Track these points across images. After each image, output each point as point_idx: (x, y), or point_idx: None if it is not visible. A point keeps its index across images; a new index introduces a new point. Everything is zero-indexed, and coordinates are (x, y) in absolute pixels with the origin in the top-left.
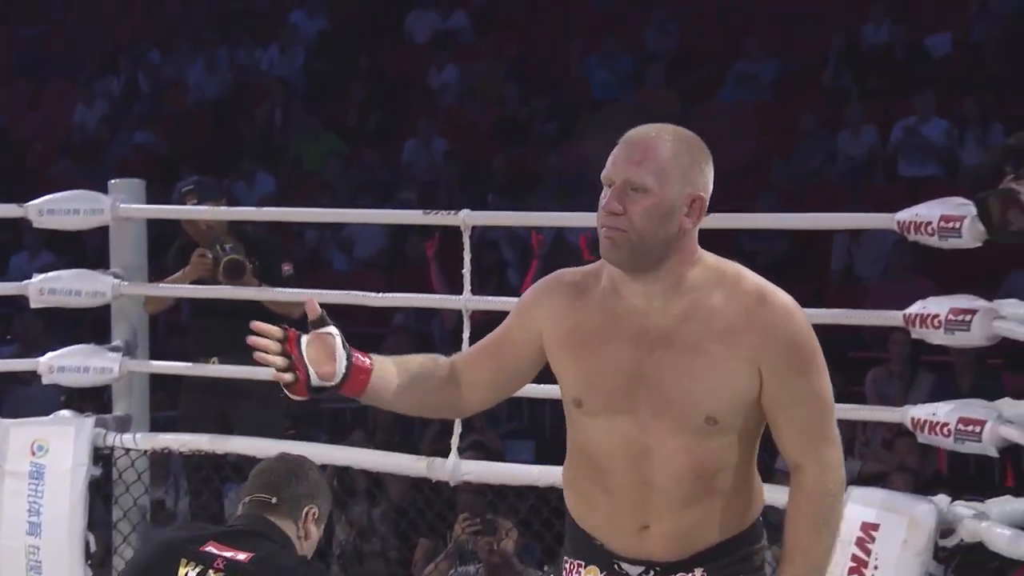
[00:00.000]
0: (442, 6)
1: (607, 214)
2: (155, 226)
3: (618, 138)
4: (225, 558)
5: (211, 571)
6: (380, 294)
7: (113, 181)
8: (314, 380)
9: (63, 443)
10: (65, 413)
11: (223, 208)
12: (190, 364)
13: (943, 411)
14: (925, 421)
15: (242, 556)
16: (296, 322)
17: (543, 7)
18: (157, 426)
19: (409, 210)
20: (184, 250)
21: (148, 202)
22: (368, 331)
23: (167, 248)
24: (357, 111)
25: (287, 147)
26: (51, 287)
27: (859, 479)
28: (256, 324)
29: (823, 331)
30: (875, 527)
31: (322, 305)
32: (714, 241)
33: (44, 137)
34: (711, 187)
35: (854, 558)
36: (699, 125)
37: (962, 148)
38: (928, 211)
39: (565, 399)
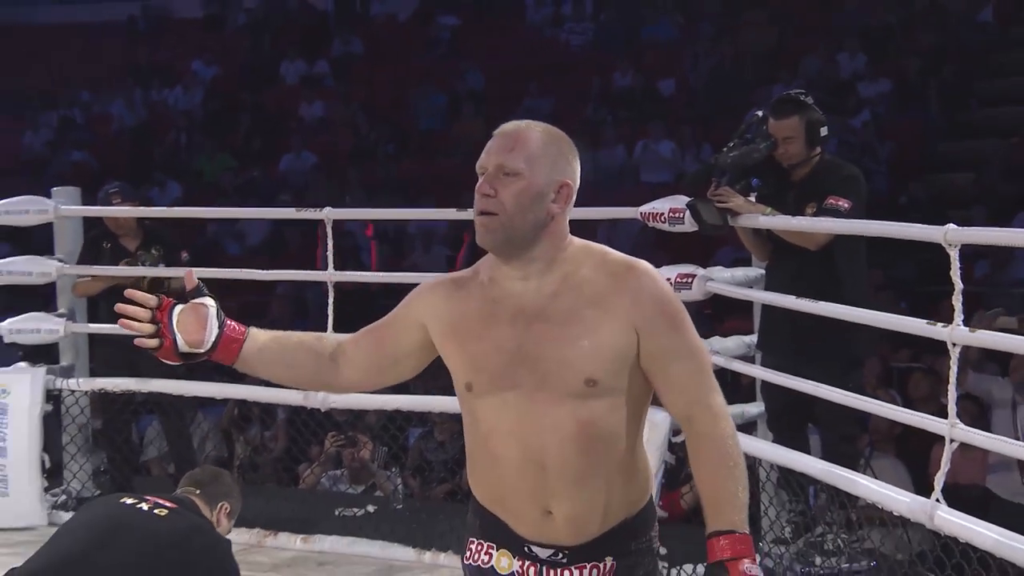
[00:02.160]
0: (307, 56)
1: (481, 196)
2: (86, 222)
3: (440, 157)
4: (156, 501)
5: (143, 503)
6: (265, 271)
7: (55, 188)
8: (182, 346)
9: (22, 387)
10: (22, 364)
11: (141, 208)
12: (114, 325)
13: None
14: None
15: (169, 504)
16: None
17: (384, 59)
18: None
19: (285, 208)
20: (96, 241)
21: (82, 204)
22: (256, 299)
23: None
24: (244, 135)
25: (190, 163)
26: (9, 269)
27: None
28: (129, 292)
29: None
30: None
31: (219, 281)
32: None
33: None
34: (578, 178)
35: None
36: None
37: (683, 162)
38: (661, 205)
39: (458, 387)
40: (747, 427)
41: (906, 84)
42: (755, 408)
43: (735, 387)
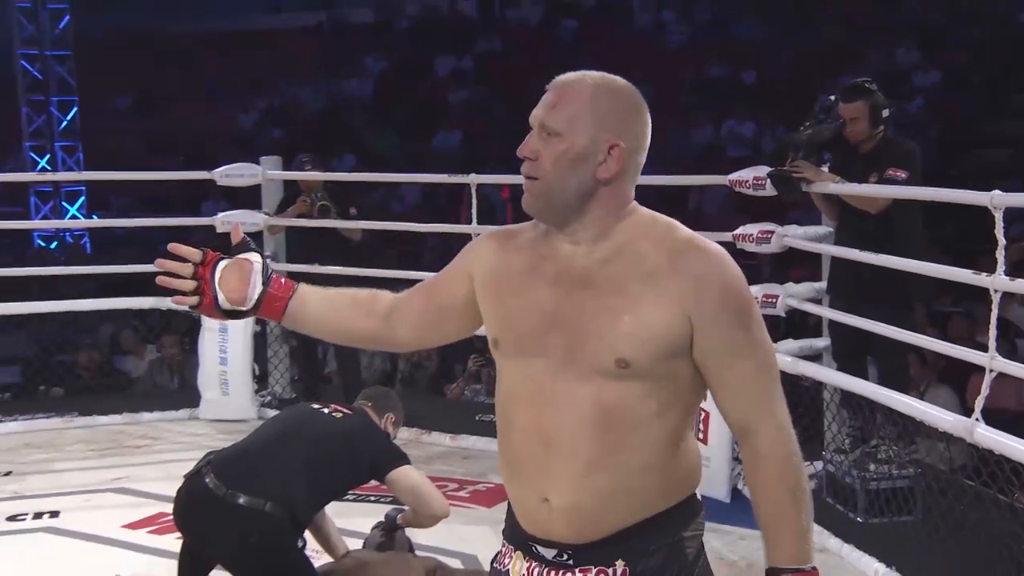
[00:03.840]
0: (456, 53)
1: (523, 159)
2: (284, 184)
3: None
4: (335, 407)
5: (326, 407)
6: (420, 224)
7: (263, 157)
8: (223, 303)
9: None
10: None
11: (326, 173)
12: (306, 264)
13: (754, 290)
14: None
15: (346, 410)
16: (356, 245)
17: (517, 56)
18: None
19: (437, 175)
20: (291, 198)
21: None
22: (411, 250)
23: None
24: (405, 117)
25: (363, 139)
26: (229, 219)
27: None
28: (172, 245)
29: None
30: None
31: (384, 232)
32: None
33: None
34: (640, 139)
35: None
36: None
37: (762, 140)
38: (746, 174)
39: (490, 343)
40: (814, 358)
41: (953, 74)
42: (821, 342)
43: (803, 325)
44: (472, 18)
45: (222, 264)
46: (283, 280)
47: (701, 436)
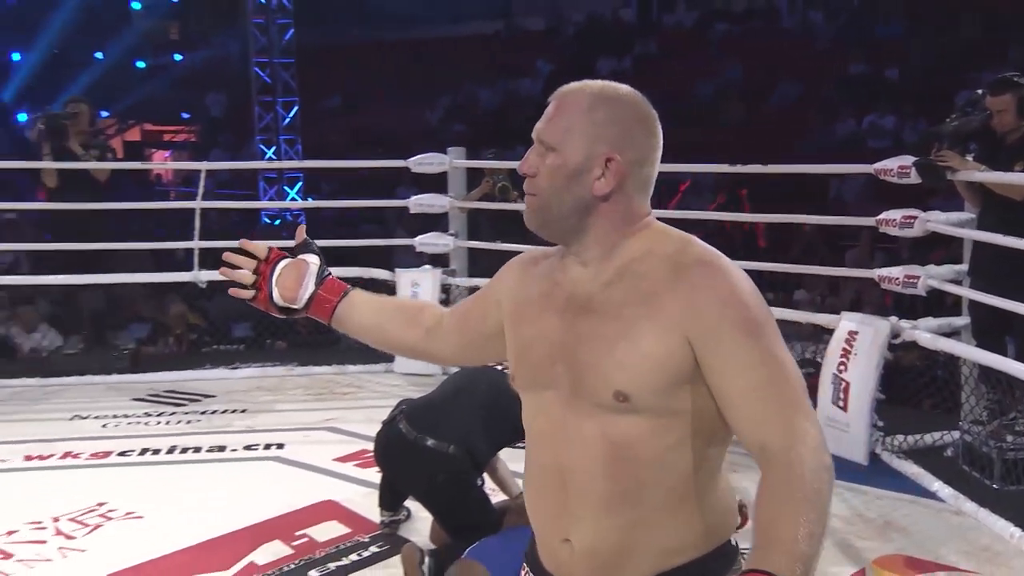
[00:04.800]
0: (616, 55)
1: (523, 176)
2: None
3: (710, 128)
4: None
5: (499, 366)
6: None
7: (450, 148)
8: (277, 300)
9: (426, 282)
10: (427, 267)
11: (503, 162)
12: (487, 241)
13: (896, 271)
14: (886, 276)
15: None
16: None
17: (672, 57)
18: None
19: None
20: (472, 186)
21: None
22: None
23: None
24: None
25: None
26: (420, 202)
27: (850, 307)
28: (243, 241)
29: (830, 232)
30: (856, 333)
31: None
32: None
33: (409, 129)
34: (645, 150)
35: (842, 351)
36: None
37: (903, 132)
38: (891, 163)
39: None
40: (951, 335)
41: None
42: (960, 320)
43: (942, 304)
44: (631, 23)
45: (283, 263)
46: (337, 283)
47: (841, 404)
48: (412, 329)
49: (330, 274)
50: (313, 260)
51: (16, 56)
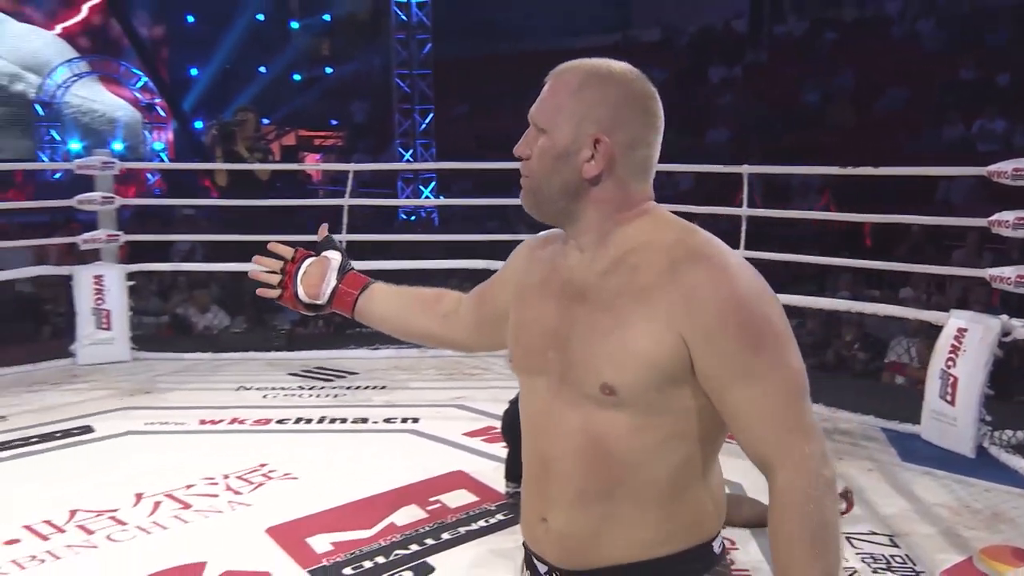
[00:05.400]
0: (727, 63)
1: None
2: None
3: (818, 132)
4: None
5: None
6: (694, 207)
7: None
8: (302, 297)
9: None
10: None
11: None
12: None
13: (1008, 271)
14: (998, 276)
15: None
16: None
17: (782, 65)
18: None
19: (711, 165)
20: None
21: None
22: None
23: None
24: (678, 118)
25: None
26: None
27: (956, 305)
28: (271, 244)
29: (937, 233)
30: (964, 330)
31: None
32: None
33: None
34: (641, 130)
35: (951, 348)
36: None
37: (1013, 136)
38: (1006, 165)
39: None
40: None
41: None
42: None
43: None
44: (742, 34)
45: (308, 262)
46: (358, 277)
47: (949, 398)
48: (427, 317)
49: (352, 269)
50: (334, 256)
51: (194, 71)
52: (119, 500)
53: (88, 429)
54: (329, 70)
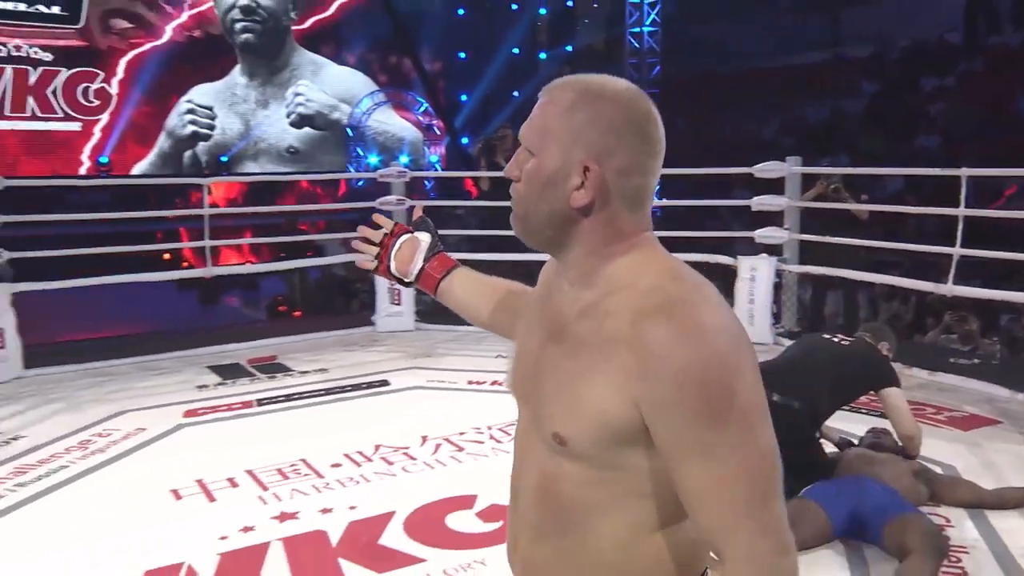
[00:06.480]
0: (938, 74)
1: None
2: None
3: None
4: (842, 336)
5: (835, 337)
6: (902, 207)
7: (788, 157)
8: (393, 271)
9: (764, 268)
10: (764, 255)
11: (836, 168)
12: (815, 236)
13: None
14: None
15: (850, 339)
16: (861, 223)
17: (996, 74)
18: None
19: (922, 168)
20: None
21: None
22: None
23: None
24: (891, 127)
25: (854, 142)
26: (761, 202)
27: None
28: (375, 216)
29: None
30: None
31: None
32: None
33: (745, 142)
34: (638, 156)
35: None
36: None
37: None
38: None
39: None
40: None
41: None
42: None
43: None
44: (956, 45)
45: (404, 237)
46: (444, 259)
47: None
48: (485, 308)
49: (441, 251)
50: (424, 238)
51: (463, 97)
52: (410, 440)
53: (385, 383)
54: None
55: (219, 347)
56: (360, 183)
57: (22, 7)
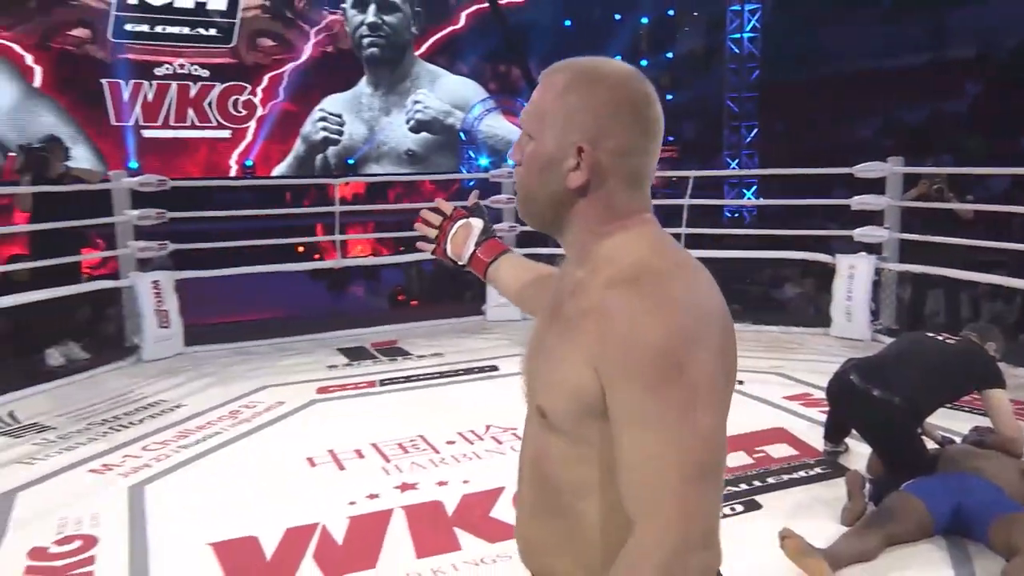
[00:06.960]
0: None
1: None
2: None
3: None
4: (946, 335)
5: (939, 335)
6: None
7: (890, 157)
8: (450, 254)
9: (863, 266)
10: (863, 253)
11: (941, 168)
12: (914, 235)
13: None
14: None
15: (955, 337)
16: (964, 222)
17: None
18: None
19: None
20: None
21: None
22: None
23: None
24: (991, 126)
25: (959, 142)
26: (861, 202)
27: None
28: (437, 201)
29: None
30: None
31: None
32: None
33: (844, 143)
34: (631, 138)
35: None
36: None
37: None
38: None
39: None
40: None
41: None
42: None
43: None
44: None
45: (461, 222)
46: (495, 246)
47: None
48: (522, 294)
49: (493, 236)
50: (477, 224)
51: None
52: (517, 421)
53: (495, 368)
54: (669, 96)
55: (346, 331)
56: (471, 183)
57: (186, 31)
